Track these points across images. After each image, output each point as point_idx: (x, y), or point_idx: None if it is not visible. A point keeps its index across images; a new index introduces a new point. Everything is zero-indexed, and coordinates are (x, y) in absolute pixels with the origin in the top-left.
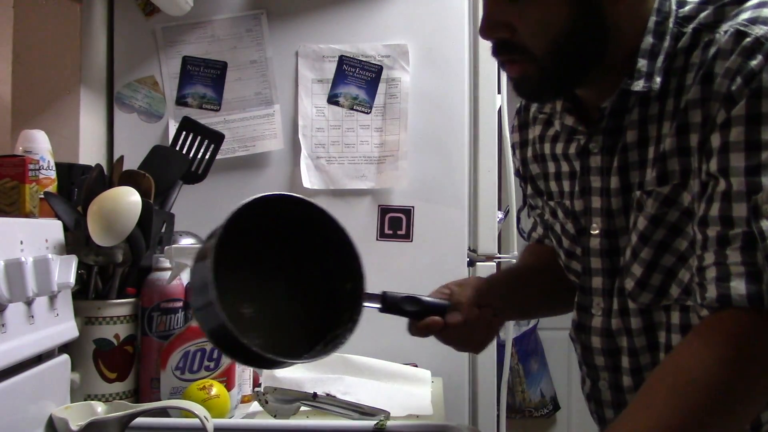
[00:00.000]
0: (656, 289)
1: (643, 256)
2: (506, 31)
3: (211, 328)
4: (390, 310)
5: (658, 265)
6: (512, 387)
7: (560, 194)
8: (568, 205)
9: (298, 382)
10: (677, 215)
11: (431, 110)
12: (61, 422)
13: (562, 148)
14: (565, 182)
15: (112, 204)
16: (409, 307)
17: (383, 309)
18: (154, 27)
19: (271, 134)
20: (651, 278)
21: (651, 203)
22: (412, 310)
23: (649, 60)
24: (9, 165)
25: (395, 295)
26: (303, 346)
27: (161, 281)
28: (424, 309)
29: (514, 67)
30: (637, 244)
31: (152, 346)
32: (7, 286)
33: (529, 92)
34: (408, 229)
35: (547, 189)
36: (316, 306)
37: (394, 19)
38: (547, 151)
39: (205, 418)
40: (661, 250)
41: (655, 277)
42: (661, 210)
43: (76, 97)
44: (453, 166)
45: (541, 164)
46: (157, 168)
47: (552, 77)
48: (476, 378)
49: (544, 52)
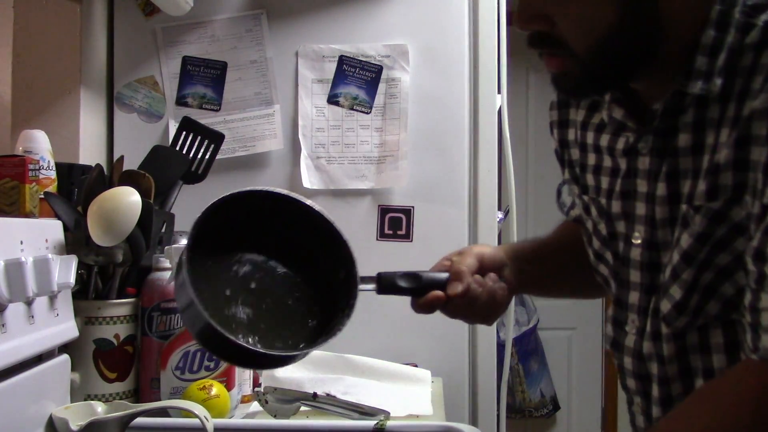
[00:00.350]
0: (693, 310)
1: (684, 277)
2: (545, 24)
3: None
4: (387, 291)
5: (697, 286)
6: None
7: (596, 190)
8: (603, 204)
9: (298, 382)
10: (725, 231)
11: (431, 110)
12: (61, 422)
13: (608, 141)
14: (604, 179)
15: (112, 204)
16: (406, 284)
17: (380, 290)
18: (154, 27)
19: (271, 134)
20: (690, 300)
21: (699, 220)
22: (411, 288)
23: (710, 57)
24: (9, 165)
25: (391, 275)
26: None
27: (161, 281)
28: (422, 285)
29: (553, 62)
30: (680, 264)
31: (152, 346)
32: (7, 286)
33: (568, 89)
34: (408, 229)
35: (583, 182)
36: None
37: (394, 19)
38: (589, 140)
39: (205, 418)
40: (703, 268)
41: (694, 299)
42: (709, 227)
43: (76, 97)
44: (453, 166)
45: (581, 153)
46: (157, 168)
47: (595, 76)
48: (476, 378)
49: (586, 50)
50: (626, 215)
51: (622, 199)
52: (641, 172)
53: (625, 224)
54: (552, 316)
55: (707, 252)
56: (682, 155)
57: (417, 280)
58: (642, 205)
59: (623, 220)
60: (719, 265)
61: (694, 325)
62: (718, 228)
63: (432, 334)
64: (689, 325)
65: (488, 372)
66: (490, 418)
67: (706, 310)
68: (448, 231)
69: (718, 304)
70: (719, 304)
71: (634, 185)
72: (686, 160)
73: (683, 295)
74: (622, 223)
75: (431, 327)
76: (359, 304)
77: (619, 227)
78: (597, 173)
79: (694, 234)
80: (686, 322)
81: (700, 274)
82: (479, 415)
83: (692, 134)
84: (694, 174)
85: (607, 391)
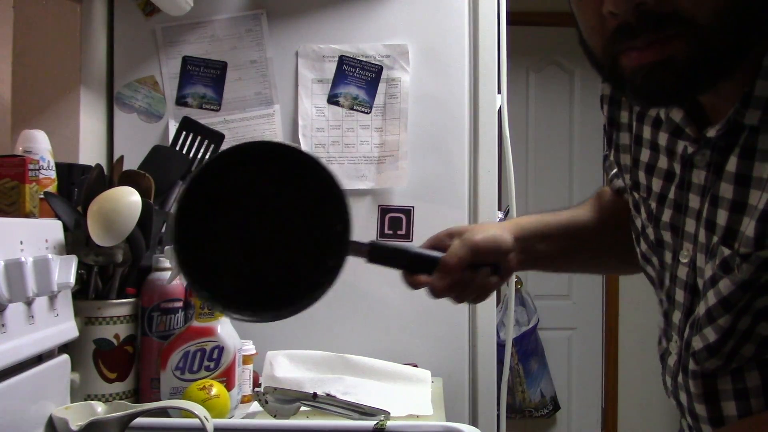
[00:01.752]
0: (727, 355)
1: (721, 323)
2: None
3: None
4: (377, 261)
5: (735, 331)
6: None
7: (647, 190)
8: (653, 209)
9: (298, 382)
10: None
11: (431, 110)
12: (61, 422)
13: (666, 140)
14: (656, 180)
15: (112, 204)
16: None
17: (370, 260)
18: (154, 27)
19: (271, 134)
20: (725, 345)
21: (747, 268)
22: (400, 263)
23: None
24: (9, 165)
25: (384, 246)
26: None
27: (161, 281)
28: (411, 262)
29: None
30: (717, 308)
31: (152, 346)
32: (7, 286)
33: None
34: (408, 229)
35: (634, 177)
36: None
37: (394, 19)
38: (645, 134)
39: (205, 418)
40: (741, 314)
41: (729, 344)
42: (755, 275)
43: (76, 97)
44: (453, 166)
45: (635, 146)
46: (157, 168)
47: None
48: (476, 378)
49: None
50: (674, 228)
51: (673, 209)
52: (695, 186)
53: (672, 236)
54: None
55: (748, 299)
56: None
57: (406, 257)
58: (692, 223)
59: (670, 231)
60: (757, 308)
61: (726, 370)
62: (764, 274)
63: (432, 334)
64: (721, 368)
65: (488, 372)
66: (490, 418)
67: (740, 354)
68: None
69: (753, 347)
70: (754, 346)
71: (686, 199)
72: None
73: (717, 339)
74: (669, 233)
75: (431, 327)
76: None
77: (665, 237)
78: (650, 172)
79: (737, 282)
80: (717, 366)
81: (737, 320)
82: (479, 415)
83: (738, 161)
84: (733, 207)
85: (607, 391)
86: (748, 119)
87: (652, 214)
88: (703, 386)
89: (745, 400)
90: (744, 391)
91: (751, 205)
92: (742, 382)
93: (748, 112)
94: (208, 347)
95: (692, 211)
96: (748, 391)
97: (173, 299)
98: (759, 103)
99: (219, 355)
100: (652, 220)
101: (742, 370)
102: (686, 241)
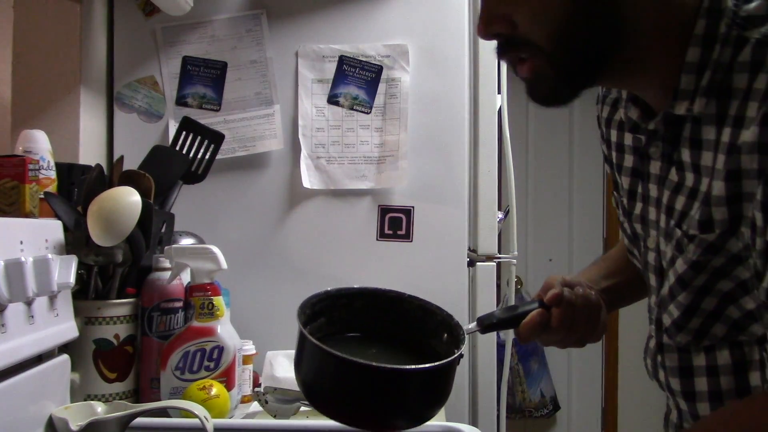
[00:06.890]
0: (695, 331)
1: (680, 300)
2: (505, 26)
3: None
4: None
5: (698, 309)
6: (512, 387)
7: (621, 189)
8: (625, 204)
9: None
10: (723, 261)
11: (431, 110)
12: (61, 422)
13: (632, 140)
14: (625, 178)
15: (112, 204)
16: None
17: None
18: (154, 27)
19: (271, 134)
20: (690, 322)
21: (693, 249)
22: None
23: (697, 75)
24: (9, 165)
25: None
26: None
27: (161, 281)
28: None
29: (524, 67)
30: (675, 287)
31: (152, 346)
32: (7, 286)
33: (545, 93)
34: (408, 229)
35: (614, 178)
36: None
37: (394, 19)
38: (613, 138)
39: (205, 418)
40: (702, 294)
41: (694, 321)
42: (704, 257)
43: (76, 97)
44: (453, 166)
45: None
46: (157, 168)
47: (566, 71)
48: (476, 378)
49: (549, 40)
50: (642, 218)
51: (642, 202)
52: (653, 176)
53: (641, 227)
54: None
55: (705, 279)
56: (686, 169)
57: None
58: (654, 211)
59: (641, 223)
60: (722, 291)
61: (698, 346)
62: (714, 258)
63: None
64: (693, 344)
65: (488, 372)
66: (490, 418)
67: (711, 333)
68: (448, 231)
69: (724, 327)
70: (726, 327)
71: (647, 190)
72: (689, 176)
73: (680, 315)
74: (640, 225)
75: None
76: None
77: (638, 228)
78: (620, 172)
79: (688, 261)
80: (688, 341)
81: (700, 299)
82: (479, 415)
83: (690, 151)
84: (691, 194)
85: (607, 391)
86: (678, 110)
87: (626, 209)
88: (678, 360)
89: (715, 377)
90: (715, 368)
91: (701, 191)
92: (714, 359)
93: (677, 104)
94: (208, 347)
95: (652, 199)
96: (718, 368)
97: (173, 299)
98: (685, 95)
99: (219, 355)
100: (627, 215)
101: (714, 348)
102: (651, 228)
